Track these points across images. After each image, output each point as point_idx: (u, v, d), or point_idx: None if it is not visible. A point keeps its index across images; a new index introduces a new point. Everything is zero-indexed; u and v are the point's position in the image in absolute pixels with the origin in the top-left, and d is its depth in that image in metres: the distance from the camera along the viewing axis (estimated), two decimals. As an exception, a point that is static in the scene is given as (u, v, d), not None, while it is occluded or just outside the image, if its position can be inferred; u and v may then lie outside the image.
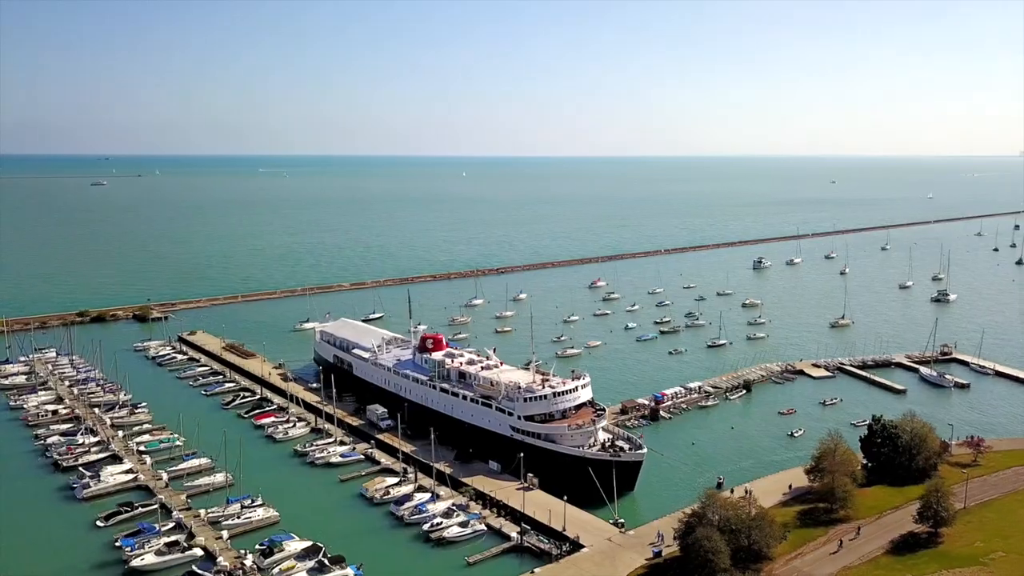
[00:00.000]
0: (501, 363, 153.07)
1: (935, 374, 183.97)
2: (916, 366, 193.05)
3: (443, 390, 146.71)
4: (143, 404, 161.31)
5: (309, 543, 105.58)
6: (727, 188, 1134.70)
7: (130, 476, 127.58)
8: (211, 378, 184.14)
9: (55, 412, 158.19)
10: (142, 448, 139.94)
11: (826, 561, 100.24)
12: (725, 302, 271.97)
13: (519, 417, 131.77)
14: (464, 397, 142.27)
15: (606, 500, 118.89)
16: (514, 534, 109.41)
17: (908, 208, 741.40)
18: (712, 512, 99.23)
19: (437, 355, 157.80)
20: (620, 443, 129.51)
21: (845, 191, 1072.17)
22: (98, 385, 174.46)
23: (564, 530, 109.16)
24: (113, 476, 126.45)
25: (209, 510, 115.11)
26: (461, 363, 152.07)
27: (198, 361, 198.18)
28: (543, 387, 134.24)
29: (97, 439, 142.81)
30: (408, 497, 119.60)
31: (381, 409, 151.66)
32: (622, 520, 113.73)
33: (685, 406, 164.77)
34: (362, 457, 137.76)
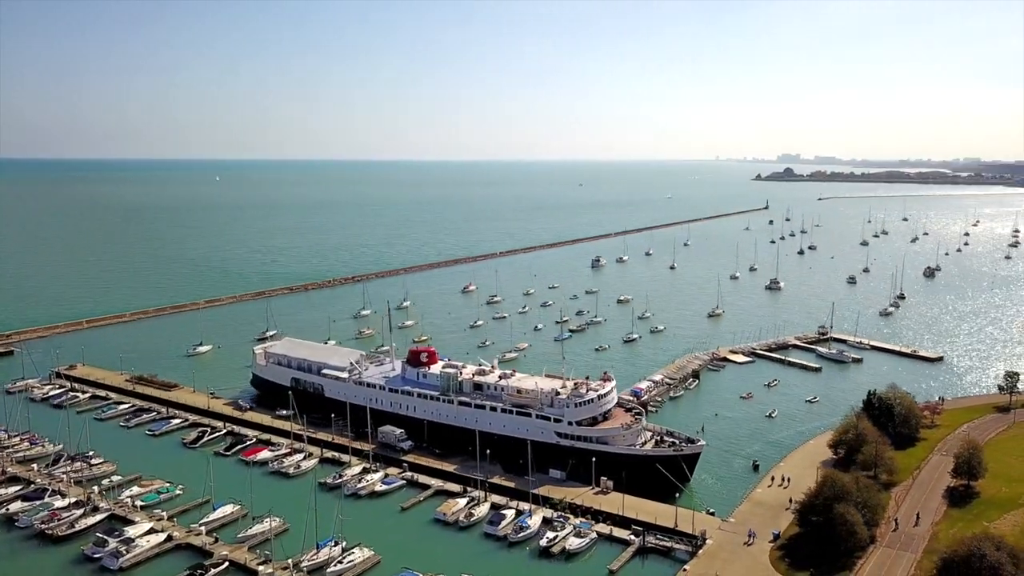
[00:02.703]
0: (514, 371, 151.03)
1: (834, 352, 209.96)
2: (810, 346, 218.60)
3: (463, 403, 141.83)
4: (90, 453, 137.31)
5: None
6: (490, 193, 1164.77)
7: (161, 536, 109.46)
8: (143, 416, 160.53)
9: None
10: (139, 503, 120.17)
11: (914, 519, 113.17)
12: (598, 299, 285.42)
13: (569, 422, 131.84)
14: (493, 408, 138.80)
15: (682, 491, 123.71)
16: (632, 537, 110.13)
17: (660, 207, 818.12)
18: (827, 490, 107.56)
19: (436, 368, 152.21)
20: (667, 438, 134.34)
21: (595, 193, 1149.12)
22: (10, 436, 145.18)
23: (677, 526, 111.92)
24: (145, 539, 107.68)
25: (301, 560, 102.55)
26: (471, 374, 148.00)
27: (107, 399, 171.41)
28: (587, 391, 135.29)
29: (75, 499, 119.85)
30: (500, 516, 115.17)
31: (398, 430, 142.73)
32: (712, 510, 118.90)
33: (659, 398, 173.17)
34: (403, 482, 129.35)
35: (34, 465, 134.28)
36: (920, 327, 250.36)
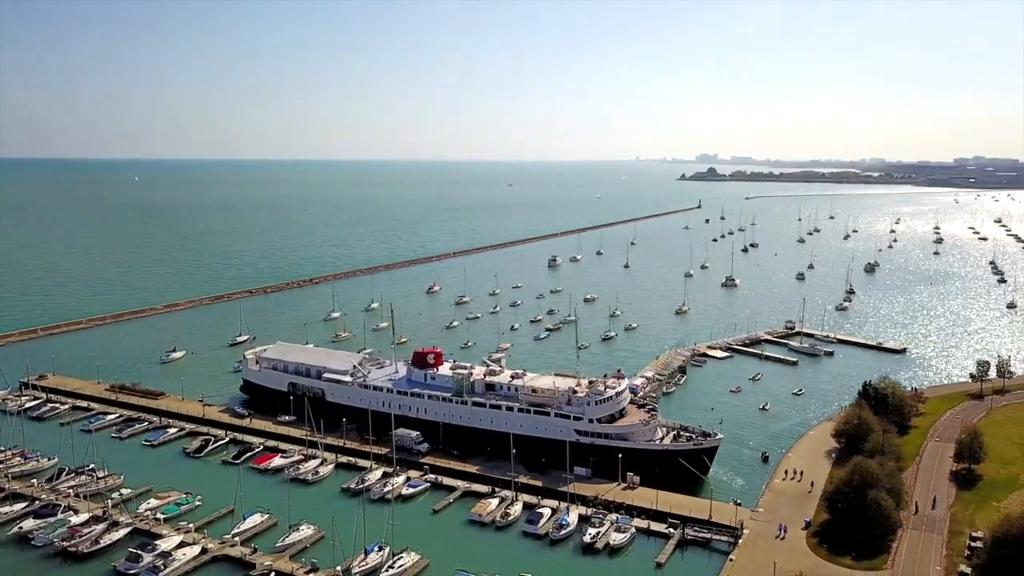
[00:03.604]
0: (525, 372, 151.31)
1: (807, 346, 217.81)
2: (781, 341, 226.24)
3: (477, 404, 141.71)
4: (90, 466, 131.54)
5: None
6: (424, 194, 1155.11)
7: (196, 549, 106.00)
8: (136, 426, 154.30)
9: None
10: (160, 516, 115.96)
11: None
12: (564, 298, 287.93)
13: (590, 420, 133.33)
14: (509, 408, 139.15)
15: (703, 483, 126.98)
16: (671, 530, 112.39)
17: (592, 207, 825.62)
18: (857, 477, 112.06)
19: (445, 369, 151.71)
20: (683, 432, 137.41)
21: (525, 193, 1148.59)
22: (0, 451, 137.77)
23: (711, 518, 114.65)
24: (180, 552, 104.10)
25: (351, 566, 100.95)
26: (482, 374, 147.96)
27: (89, 410, 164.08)
28: (605, 389, 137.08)
29: (92, 515, 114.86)
30: (537, 515, 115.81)
31: (414, 433, 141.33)
32: (739, 501, 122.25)
33: (653, 394, 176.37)
34: (427, 484, 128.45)
35: (34, 480, 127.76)
36: (875, 320, 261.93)
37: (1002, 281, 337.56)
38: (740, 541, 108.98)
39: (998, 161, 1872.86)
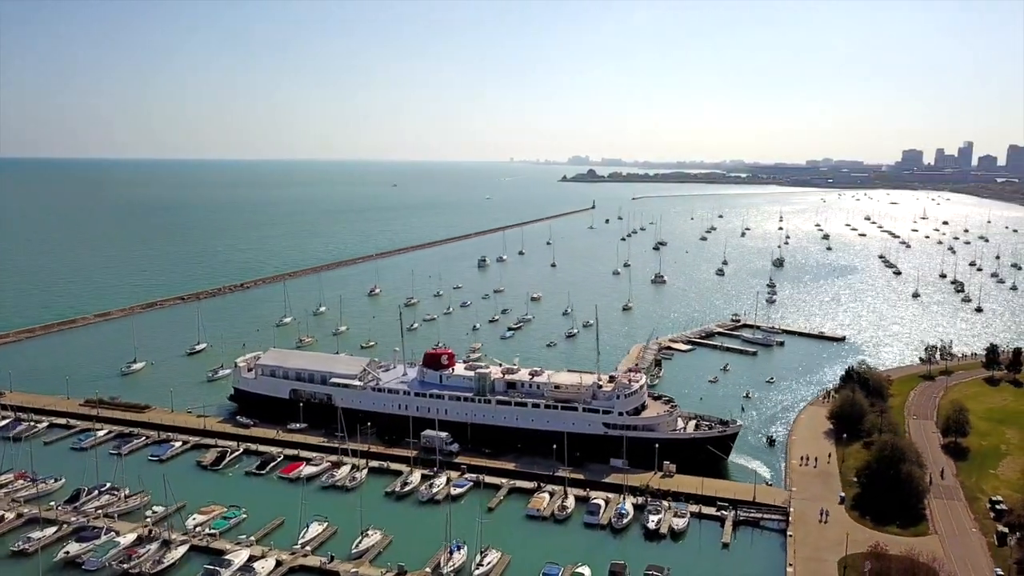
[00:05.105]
0: (543, 370, 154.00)
1: (760, 337, 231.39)
2: (732, 333, 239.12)
3: (501, 402, 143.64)
4: (107, 485, 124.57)
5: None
6: (307, 193, 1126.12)
7: (271, 562, 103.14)
8: (135, 441, 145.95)
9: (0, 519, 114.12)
10: (210, 531, 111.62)
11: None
12: (509, 297, 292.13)
13: (619, 413, 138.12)
14: (535, 405, 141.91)
15: (726, 468, 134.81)
16: (723, 513, 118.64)
17: (481, 208, 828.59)
18: (887, 453, 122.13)
19: (460, 369, 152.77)
20: (703, 421, 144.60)
21: (411, 194, 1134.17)
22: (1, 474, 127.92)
23: (755, 499, 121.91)
24: (259, 566, 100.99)
25: (443, 566, 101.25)
26: (500, 373, 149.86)
27: (70, 427, 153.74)
28: (630, 383, 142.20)
29: (139, 534, 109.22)
30: (596, 506, 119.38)
31: (443, 434, 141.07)
32: (770, 482, 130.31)
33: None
34: (470, 483, 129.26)
35: (52, 503, 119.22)
36: (804, 312, 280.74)
37: (897, 274, 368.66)
38: (790, 518, 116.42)
39: (846, 163, 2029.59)
